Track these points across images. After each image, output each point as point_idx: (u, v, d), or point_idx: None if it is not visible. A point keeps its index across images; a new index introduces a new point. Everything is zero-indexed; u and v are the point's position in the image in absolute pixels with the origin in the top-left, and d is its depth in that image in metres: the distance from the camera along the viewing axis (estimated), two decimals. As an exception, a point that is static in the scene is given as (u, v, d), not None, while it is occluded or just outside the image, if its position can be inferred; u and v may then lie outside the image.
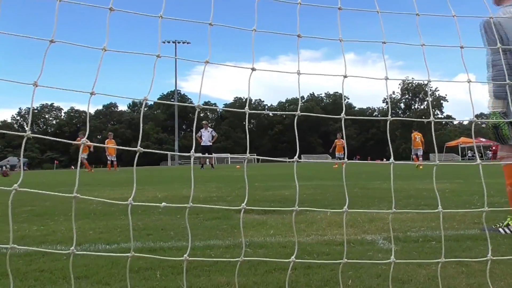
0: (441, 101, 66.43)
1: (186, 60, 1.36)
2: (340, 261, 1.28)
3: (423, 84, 57.03)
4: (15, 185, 1.10)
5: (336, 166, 16.89)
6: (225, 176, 10.60)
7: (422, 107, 66.62)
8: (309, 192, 5.55)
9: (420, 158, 15.75)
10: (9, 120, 72.27)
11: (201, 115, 59.91)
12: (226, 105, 73.15)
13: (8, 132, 1.31)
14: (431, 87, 65.32)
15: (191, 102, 64.89)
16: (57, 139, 1.27)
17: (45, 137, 1.43)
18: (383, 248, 2.26)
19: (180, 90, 71.06)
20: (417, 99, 67.27)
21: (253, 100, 72.91)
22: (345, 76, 1.37)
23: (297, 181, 1.22)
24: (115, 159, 19.38)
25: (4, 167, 17.31)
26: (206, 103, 71.51)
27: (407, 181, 7.40)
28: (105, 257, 2.05)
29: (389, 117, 1.38)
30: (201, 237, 2.59)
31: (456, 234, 2.59)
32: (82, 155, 17.49)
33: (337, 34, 1.41)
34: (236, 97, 72.71)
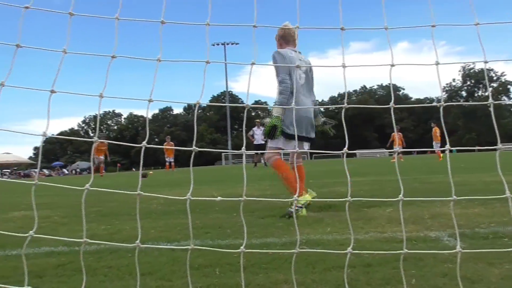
0: (508, 86, 61.42)
1: (234, 64, 1.38)
2: (400, 251, 1.23)
3: (487, 69, 53.17)
4: (87, 185, 1.18)
5: (394, 160, 16.64)
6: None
7: (486, 93, 62.02)
8: (366, 188, 5.39)
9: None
10: (76, 128, 78.59)
11: (253, 114, 60.50)
12: (275, 103, 72.94)
13: (77, 138, 1.42)
14: (493, 69, 60.65)
15: (241, 102, 65.83)
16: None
17: (115, 142, 1.53)
18: (448, 245, 2.13)
19: (231, 91, 72.32)
20: (481, 85, 62.72)
21: (304, 96, 72.05)
22: (392, 65, 1.31)
23: (348, 172, 1.19)
24: (173, 160, 20.24)
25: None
26: (256, 102, 72.01)
27: (473, 174, 6.93)
28: (167, 255, 2.14)
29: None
30: (257, 235, 2.61)
31: (532, 230, 2.37)
32: (100, 158, 17.96)
33: (388, 23, 1.35)
34: (286, 94, 72.33)
